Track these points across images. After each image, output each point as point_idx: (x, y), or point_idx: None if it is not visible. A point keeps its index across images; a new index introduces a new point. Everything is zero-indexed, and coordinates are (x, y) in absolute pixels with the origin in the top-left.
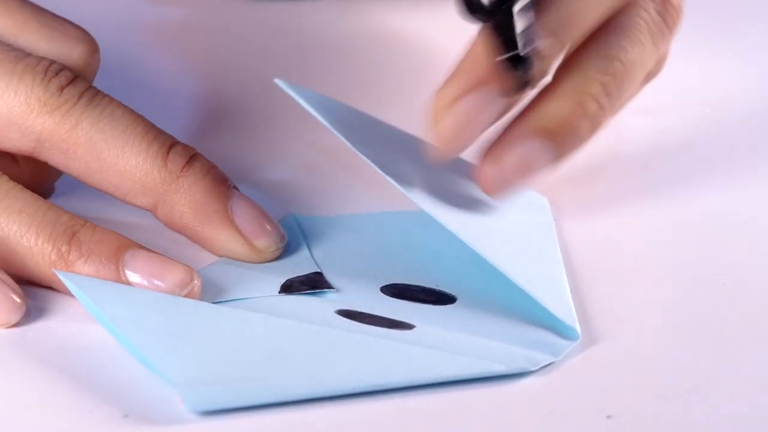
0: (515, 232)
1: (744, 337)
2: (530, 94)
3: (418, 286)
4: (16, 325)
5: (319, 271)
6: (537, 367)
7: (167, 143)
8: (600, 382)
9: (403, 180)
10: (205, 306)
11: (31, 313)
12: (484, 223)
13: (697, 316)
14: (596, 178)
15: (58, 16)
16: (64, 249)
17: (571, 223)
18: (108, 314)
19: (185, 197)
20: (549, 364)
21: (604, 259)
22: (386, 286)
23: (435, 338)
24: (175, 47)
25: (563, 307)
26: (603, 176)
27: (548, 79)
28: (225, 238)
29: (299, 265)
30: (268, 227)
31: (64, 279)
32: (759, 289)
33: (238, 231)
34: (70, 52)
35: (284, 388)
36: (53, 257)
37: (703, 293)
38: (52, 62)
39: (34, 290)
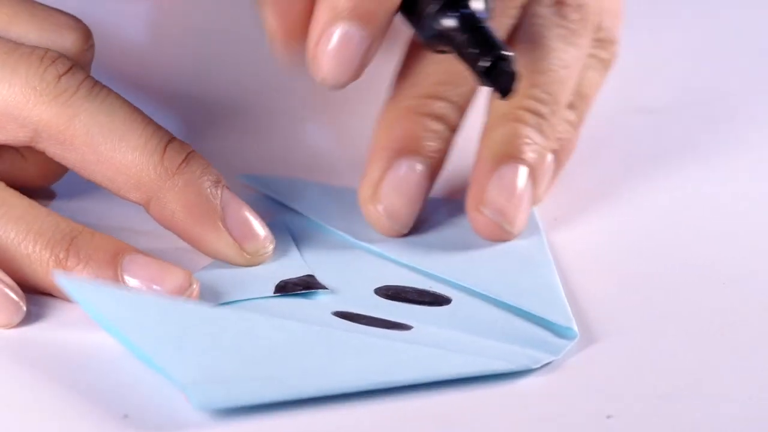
0: (498, 249)
1: (744, 336)
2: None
3: (411, 288)
4: (16, 325)
5: (311, 273)
6: (538, 365)
7: (164, 139)
8: (600, 382)
9: (375, 240)
10: (205, 307)
11: (31, 313)
12: (467, 242)
13: (697, 315)
14: (582, 178)
15: (49, 7)
16: (62, 255)
17: (560, 223)
18: (109, 316)
19: (179, 196)
20: (549, 363)
21: (599, 258)
22: (380, 288)
23: (434, 338)
24: (170, 41)
25: (557, 309)
26: (590, 175)
27: None
28: (215, 240)
29: (291, 267)
30: (259, 231)
31: (63, 282)
32: (759, 289)
33: (229, 234)
34: (63, 41)
35: (290, 386)
36: (51, 264)
37: (702, 292)
38: (47, 51)
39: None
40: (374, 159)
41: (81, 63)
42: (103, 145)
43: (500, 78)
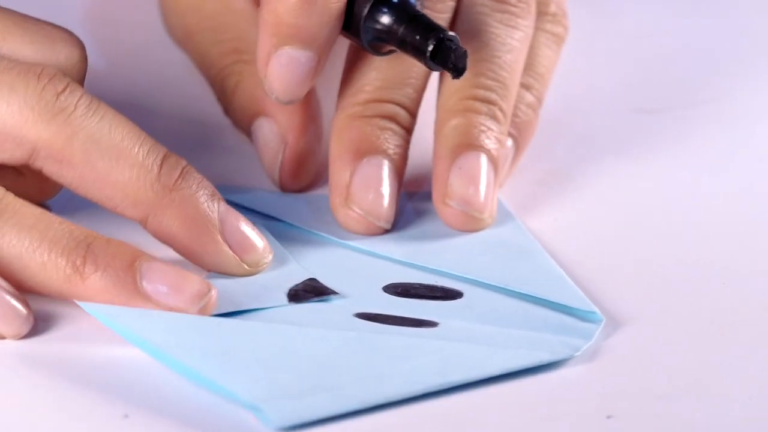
0: (487, 241)
1: (744, 336)
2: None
3: (419, 284)
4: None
5: (313, 277)
6: (579, 352)
7: (161, 155)
8: (600, 381)
9: (360, 239)
10: (240, 321)
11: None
12: (451, 233)
13: (697, 314)
14: (582, 177)
15: (41, 20)
16: (78, 262)
17: (560, 223)
18: (152, 340)
19: (176, 212)
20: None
21: (598, 258)
22: (387, 286)
23: (466, 333)
24: (163, 50)
25: (572, 294)
26: (591, 174)
27: None
28: (214, 254)
29: (292, 273)
30: (257, 243)
31: (94, 311)
32: (759, 289)
33: (228, 246)
34: (57, 55)
35: (357, 396)
36: (68, 271)
37: (702, 291)
38: (44, 68)
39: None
40: (336, 166)
41: (74, 76)
42: (101, 163)
43: (449, 58)
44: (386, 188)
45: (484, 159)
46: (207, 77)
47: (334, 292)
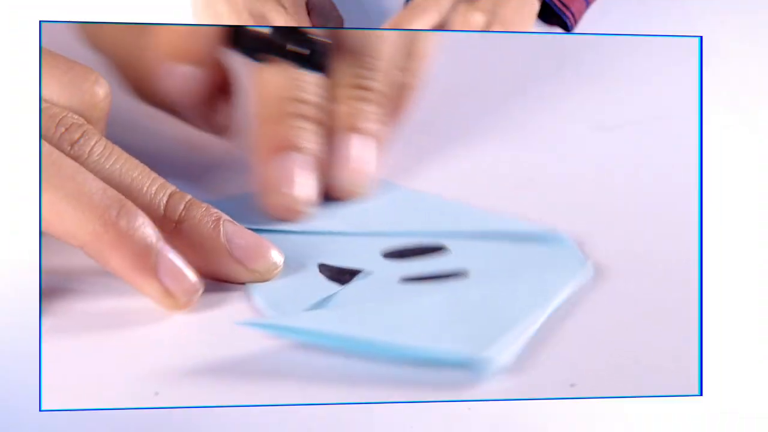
0: (412, 201)
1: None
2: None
3: (405, 248)
4: (58, 305)
5: (323, 263)
6: (588, 264)
7: (167, 194)
8: (565, 355)
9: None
10: (366, 307)
11: (67, 294)
12: (393, 211)
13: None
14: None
15: (67, 59)
16: (110, 222)
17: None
18: (342, 333)
19: (185, 241)
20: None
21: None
22: (385, 254)
23: (501, 276)
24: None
25: (529, 225)
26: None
27: None
28: (225, 269)
29: (300, 269)
30: (264, 251)
31: (264, 327)
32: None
33: (236, 260)
34: (82, 94)
35: (519, 331)
36: (98, 227)
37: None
38: (63, 116)
39: (67, 273)
40: (259, 166)
41: (99, 113)
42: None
43: (318, 60)
44: (306, 177)
45: (362, 139)
46: (121, 65)
47: (358, 271)
